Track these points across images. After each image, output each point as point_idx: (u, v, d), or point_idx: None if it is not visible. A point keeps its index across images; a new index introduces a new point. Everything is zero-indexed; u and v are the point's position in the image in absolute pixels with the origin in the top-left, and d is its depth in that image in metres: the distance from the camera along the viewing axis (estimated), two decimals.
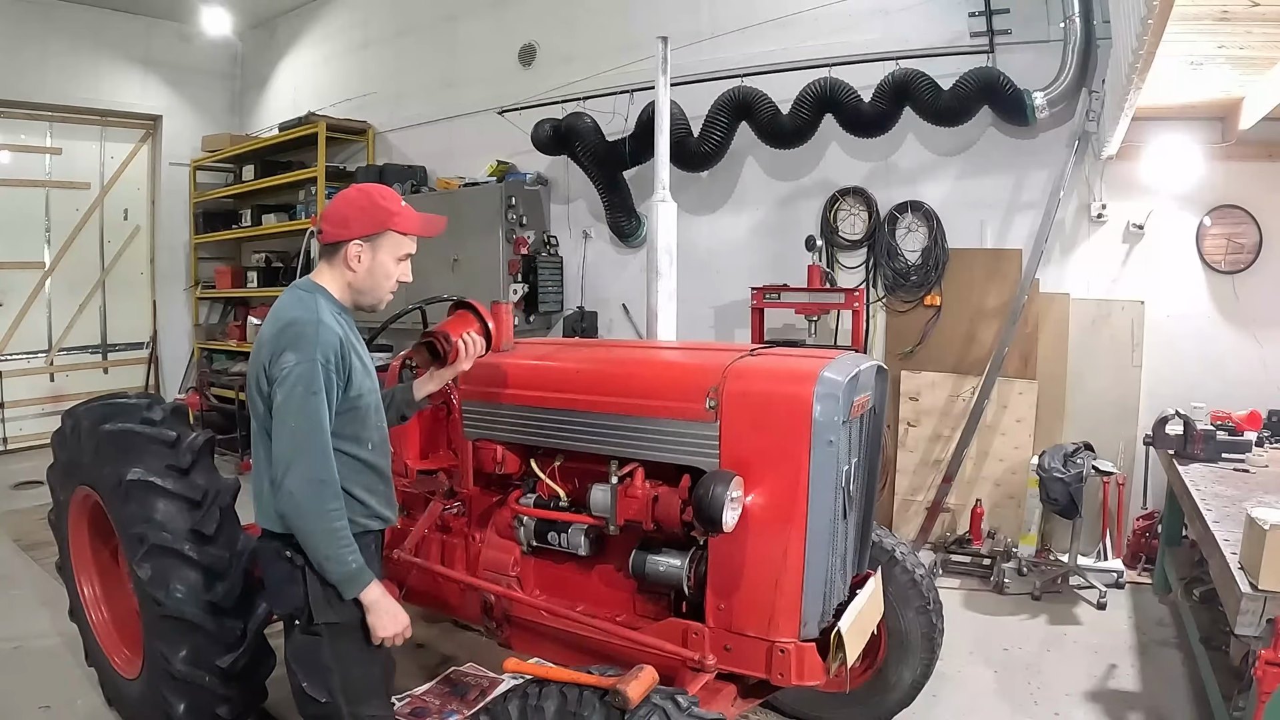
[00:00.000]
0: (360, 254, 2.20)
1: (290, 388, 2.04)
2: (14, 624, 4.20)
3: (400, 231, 2.23)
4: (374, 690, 2.28)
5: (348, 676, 2.20)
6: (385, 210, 2.20)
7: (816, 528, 2.24)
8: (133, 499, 2.79)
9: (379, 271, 2.23)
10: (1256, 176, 4.68)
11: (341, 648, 2.19)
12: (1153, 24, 2.70)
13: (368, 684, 2.25)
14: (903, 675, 3.07)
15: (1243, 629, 2.49)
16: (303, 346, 2.06)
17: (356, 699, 2.21)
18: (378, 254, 2.21)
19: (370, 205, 2.21)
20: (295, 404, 2.04)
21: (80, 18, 8.64)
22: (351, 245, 2.19)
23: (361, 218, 2.19)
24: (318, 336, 2.07)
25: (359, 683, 2.22)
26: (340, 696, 2.19)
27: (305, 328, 2.08)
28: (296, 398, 2.04)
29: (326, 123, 8.15)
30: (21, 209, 8.55)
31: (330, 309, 2.18)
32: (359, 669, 2.22)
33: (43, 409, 8.63)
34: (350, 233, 2.18)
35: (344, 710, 2.20)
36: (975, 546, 4.96)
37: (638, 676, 1.90)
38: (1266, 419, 4.29)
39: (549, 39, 7.08)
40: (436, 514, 2.94)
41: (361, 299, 2.27)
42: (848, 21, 5.55)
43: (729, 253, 6.24)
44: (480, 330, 2.68)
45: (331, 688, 2.19)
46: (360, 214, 2.20)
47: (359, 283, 2.23)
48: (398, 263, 2.26)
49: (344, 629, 2.17)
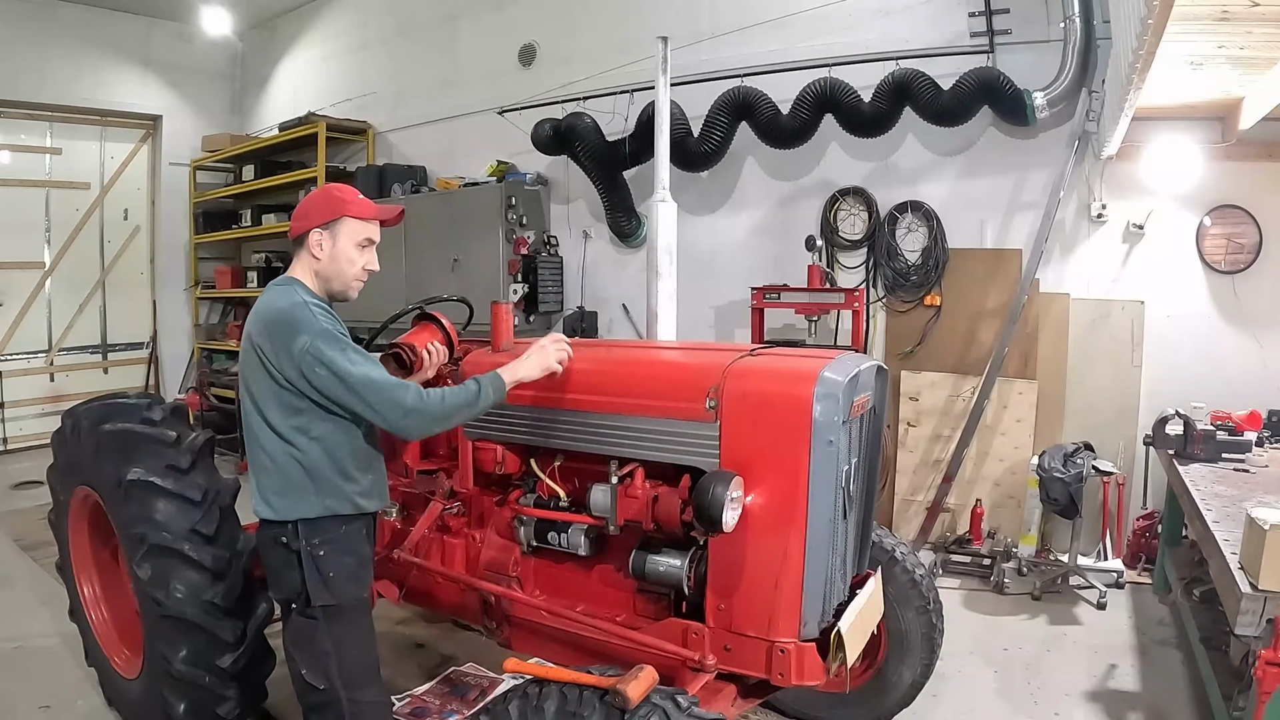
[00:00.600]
0: (321, 240, 2.32)
1: (325, 357, 2.13)
2: (14, 624, 4.20)
3: (355, 216, 2.34)
4: (371, 676, 2.34)
5: (345, 660, 2.27)
6: (339, 199, 2.35)
7: (816, 528, 2.24)
8: (133, 499, 2.79)
9: (341, 257, 2.34)
10: (1256, 176, 4.68)
11: (338, 631, 2.27)
12: (1153, 24, 2.70)
13: (365, 669, 2.32)
14: (903, 675, 3.07)
15: (1243, 629, 2.48)
16: (305, 325, 2.16)
17: (354, 684, 2.28)
18: (338, 240, 2.33)
19: (326, 197, 2.38)
20: (341, 364, 2.13)
21: (80, 18, 8.65)
22: (313, 234, 2.32)
23: (319, 208, 2.34)
24: (311, 315, 2.20)
25: (356, 667, 2.29)
26: (338, 681, 2.26)
27: (297, 311, 2.20)
28: (336, 359, 2.13)
29: (326, 123, 8.15)
30: (21, 209, 8.55)
31: (309, 296, 2.29)
32: (356, 653, 2.30)
33: (43, 409, 8.63)
34: (310, 222, 2.33)
35: (342, 696, 2.26)
36: (975, 546, 4.96)
37: (638, 676, 1.90)
38: (1266, 419, 4.28)
39: (549, 39, 7.08)
40: (436, 514, 2.94)
41: (330, 286, 2.37)
42: (848, 21, 5.55)
43: (729, 253, 6.24)
44: (443, 340, 2.83)
45: (329, 673, 2.26)
46: (317, 205, 2.35)
47: (325, 270, 2.34)
48: (360, 249, 2.37)
49: (340, 612, 2.26)
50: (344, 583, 2.26)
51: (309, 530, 2.24)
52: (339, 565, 2.26)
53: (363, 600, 2.35)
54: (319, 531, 2.25)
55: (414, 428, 2.25)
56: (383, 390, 2.16)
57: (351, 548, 2.30)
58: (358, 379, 2.14)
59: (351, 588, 2.28)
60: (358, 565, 2.31)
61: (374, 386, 2.15)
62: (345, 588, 2.25)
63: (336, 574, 2.25)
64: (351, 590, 2.27)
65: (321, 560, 2.24)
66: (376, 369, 2.19)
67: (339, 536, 2.27)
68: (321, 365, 2.13)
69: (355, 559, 2.30)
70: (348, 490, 2.28)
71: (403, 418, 2.18)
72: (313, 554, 2.23)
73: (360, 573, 2.32)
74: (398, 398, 2.16)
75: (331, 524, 2.27)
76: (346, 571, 2.27)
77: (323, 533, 2.25)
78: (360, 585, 2.32)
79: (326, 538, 2.25)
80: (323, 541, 2.25)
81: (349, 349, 2.18)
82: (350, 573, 2.28)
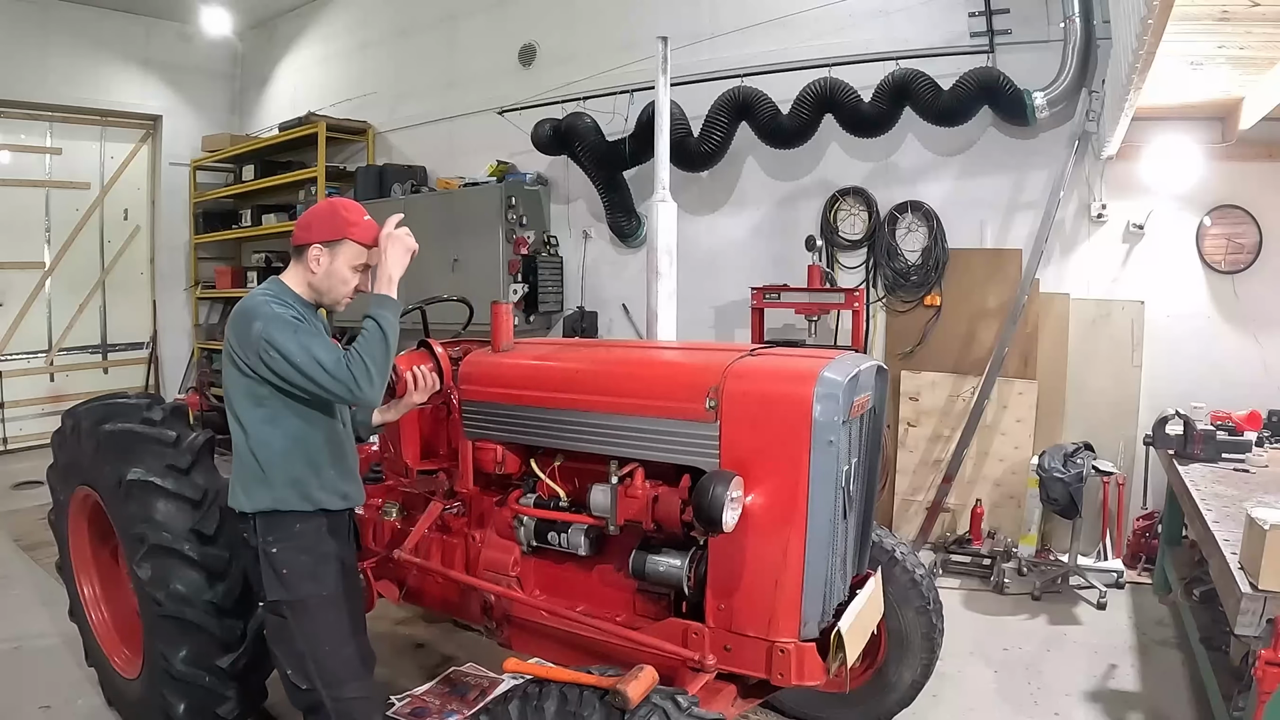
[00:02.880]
0: (320, 257, 2.36)
1: (274, 338, 2.18)
2: (14, 624, 4.20)
3: (357, 241, 2.37)
4: (351, 672, 2.36)
5: (320, 658, 2.31)
6: (345, 220, 2.37)
7: (816, 528, 2.24)
8: (133, 499, 2.79)
9: (335, 276, 2.39)
10: (1256, 176, 4.68)
11: (308, 628, 2.30)
12: (1153, 24, 2.69)
13: (343, 665, 2.34)
14: (903, 675, 3.07)
15: (1243, 629, 2.48)
16: (258, 312, 2.24)
17: (333, 682, 2.31)
18: (335, 260, 2.37)
19: (332, 214, 2.39)
20: (289, 344, 2.17)
21: (80, 18, 8.65)
22: (312, 248, 2.36)
23: (323, 224, 2.37)
24: (265, 302, 2.27)
25: (333, 663, 2.32)
26: (318, 680, 2.30)
27: (258, 304, 2.27)
28: (285, 340, 2.18)
29: (326, 123, 8.16)
30: (21, 209, 8.55)
31: (279, 293, 2.34)
32: (330, 648, 2.32)
33: (43, 409, 8.64)
34: (312, 236, 2.36)
35: (324, 695, 2.30)
36: (975, 546, 4.96)
37: (638, 676, 1.89)
38: (1266, 419, 4.28)
39: (549, 39, 7.08)
40: (436, 514, 2.94)
41: (321, 299, 2.44)
42: (848, 21, 5.55)
43: (729, 253, 6.24)
44: (433, 368, 2.81)
45: (309, 672, 2.30)
46: (322, 221, 2.38)
47: (318, 284, 2.40)
48: (354, 271, 2.41)
49: (305, 608, 2.30)
50: (298, 580, 2.29)
51: (265, 526, 2.30)
52: (293, 563, 2.29)
53: (327, 597, 2.34)
54: (273, 528, 2.30)
55: (368, 395, 2.22)
56: (326, 368, 2.17)
57: (307, 545, 2.32)
58: (303, 361, 2.17)
59: (307, 584, 2.30)
60: (315, 563, 2.32)
61: (317, 366, 2.17)
62: (300, 585, 2.29)
63: (290, 571, 2.28)
64: (308, 587, 2.30)
65: (274, 557, 2.28)
66: (325, 351, 2.19)
67: (293, 534, 2.30)
68: (274, 349, 2.17)
69: (311, 557, 2.32)
70: (305, 485, 2.31)
71: (346, 392, 2.19)
72: (266, 550, 2.29)
73: (318, 570, 2.33)
74: (340, 379, 2.17)
75: (286, 521, 2.30)
76: (302, 569, 2.29)
77: (276, 529, 2.30)
78: (319, 582, 2.32)
79: (280, 535, 2.30)
80: (276, 539, 2.29)
81: (301, 332, 2.21)
82: (306, 570, 2.30)
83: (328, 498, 2.37)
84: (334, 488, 2.39)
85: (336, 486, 2.40)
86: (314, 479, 2.34)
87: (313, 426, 2.34)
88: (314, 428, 2.35)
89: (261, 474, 2.29)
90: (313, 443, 2.35)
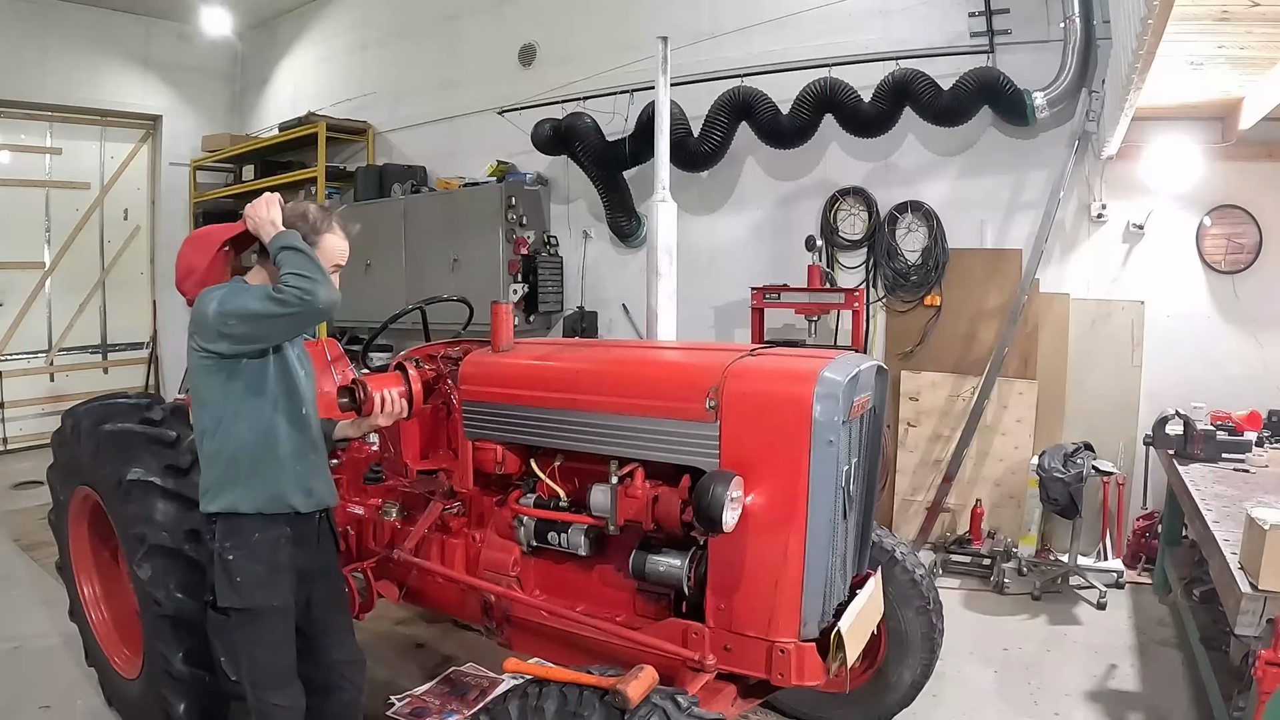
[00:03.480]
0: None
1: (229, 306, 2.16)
2: (14, 624, 4.20)
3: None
4: (281, 679, 2.35)
5: (253, 660, 2.31)
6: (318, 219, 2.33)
7: (816, 528, 2.24)
8: (133, 499, 2.79)
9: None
10: (1256, 176, 4.68)
11: (251, 634, 2.30)
12: (1153, 24, 2.70)
13: (275, 672, 2.34)
14: (903, 675, 3.07)
15: (1243, 629, 2.49)
16: (213, 296, 2.21)
17: (262, 685, 2.32)
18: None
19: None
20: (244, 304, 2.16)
21: (80, 18, 8.65)
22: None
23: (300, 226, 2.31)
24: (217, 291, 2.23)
25: (265, 668, 2.32)
26: (246, 679, 2.31)
27: (208, 295, 2.23)
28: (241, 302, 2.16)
29: (326, 123, 8.16)
30: (21, 209, 8.55)
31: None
32: (263, 655, 2.32)
33: (43, 409, 8.63)
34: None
35: (250, 693, 2.32)
36: (975, 546, 4.96)
37: (638, 676, 1.90)
38: (1266, 419, 4.28)
39: (549, 39, 7.08)
40: (436, 514, 2.94)
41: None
42: (848, 21, 5.55)
43: (729, 253, 6.24)
44: (404, 394, 2.77)
45: (240, 669, 2.33)
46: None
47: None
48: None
49: (251, 615, 2.28)
50: (251, 589, 2.26)
51: (224, 531, 2.27)
52: (248, 571, 2.25)
53: (277, 608, 2.31)
54: (232, 534, 2.27)
55: (322, 295, 2.15)
56: (280, 298, 2.13)
57: (262, 555, 2.28)
58: (259, 306, 2.15)
59: (260, 594, 2.27)
60: (268, 573, 2.28)
61: (272, 301, 2.13)
62: (253, 594, 2.26)
63: (244, 580, 2.25)
64: (260, 597, 2.27)
65: (230, 564, 2.25)
66: (274, 290, 2.15)
67: (251, 543, 2.27)
68: (230, 316, 2.16)
69: (266, 567, 2.28)
70: (272, 484, 2.28)
71: (305, 298, 2.13)
72: (222, 556, 2.26)
73: (270, 580, 2.29)
74: (289, 298, 2.12)
75: (246, 528, 2.27)
76: (255, 579, 2.26)
77: (235, 535, 2.27)
78: (269, 593, 2.29)
79: (238, 541, 2.26)
80: (234, 545, 2.26)
81: (246, 291, 2.20)
82: (259, 580, 2.27)
83: (295, 496, 2.33)
84: (301, 484, 2.35)
85: (303, 483, 2.36)
86: (280, 477, 2.31)
87: (279, 424, 2.32)
88: (280, 425, 2.32)
89: (228, 473, 2.27)
90: (280, 440, 2.32)
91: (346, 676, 2.55)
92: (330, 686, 2.51)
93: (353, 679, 2.57)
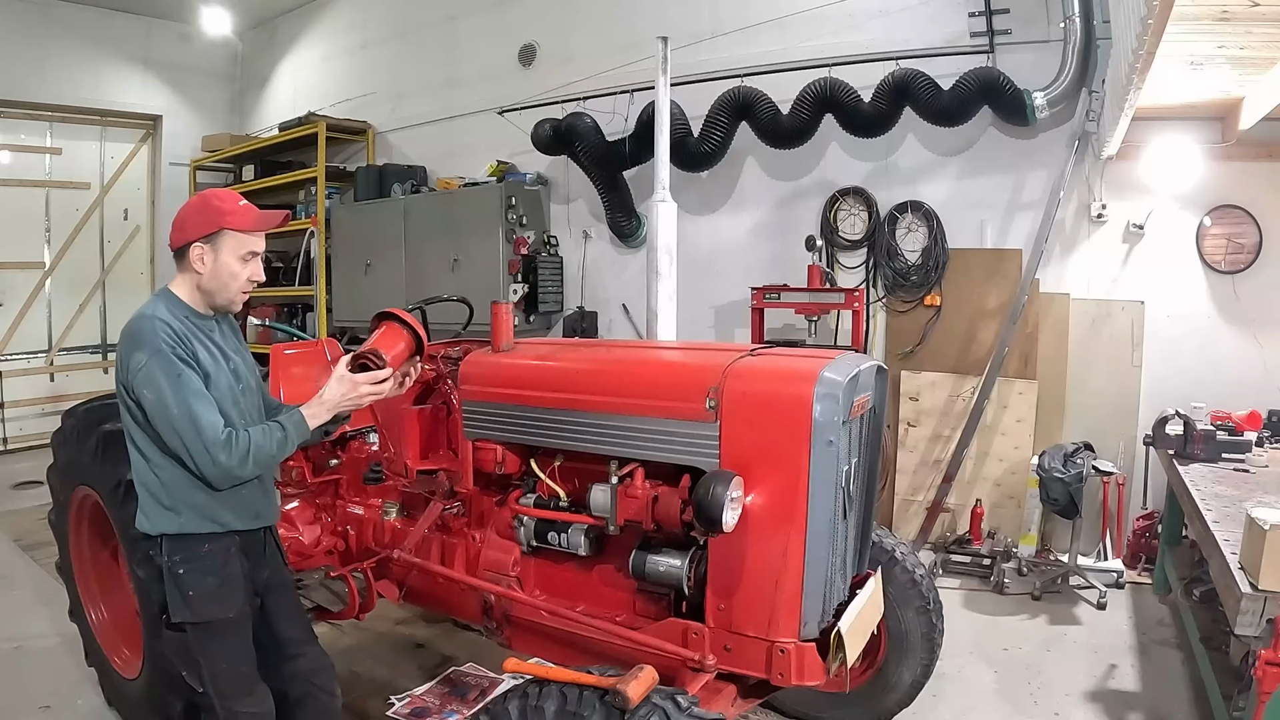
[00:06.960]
0: (202, 255, 2.23)
1: (155, 382, 2.08)
2: (14, 624, 4.20)
3: (236, 229, 2.24)
4: (245, 687, 2.32)
5: (215, 670, 2.29)
6: (218, 210, 2.23)
7: (816, 528, 2.24)
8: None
9: (224, 272, 2.25)
10: (1256, 176, 4.68)
11: (210, 647, 2.28)
12: (1153, 24, 2.70)
13: (238, 680, 2.31)
14: (903, 675, 3.07)
15: (1243, 629, 2.48)
16: (144, 341, 2.12)
17: (228, 694, 2.29)
18: (220, 254, 2.24)
19: (204, 206, 2.25)
20: (168, 393, 2.08)
21: (80, 18, 8.65)
22: (193, 248, 2.22)
23: (197, 220, 2.23)
24: (154, 329, 2.13)
25: (228, 677, 2.30)
26: (210, 689, 2.29)
27: (142, 324, 2.15)
28: (166, 387, 2.08)
29: (326, 123, 8.16)
30: (21, 209, 8.56)
31: (169, 308, 2.22)
32: (225, 666, 2.29)
33: (43, 409, 8.63)
34: (188, 235, 2.23)
35: (216, 703, 2.29)
36: (975, 546, 4.96)
37: (638, 676, 1.89)
38: (1266, 419, 4.28)
39: (549, 39, 7.08)
40: (436, 514, 2.94)
41: (213, 299, 2.29)
42: (848, 21, 5.55)
43: (729, 253, 6.24)
44: (410, 343, 2.61)
45: (203, 679, 2.30)
46: (195, 216, 2.24)
47: (206, 284, 2.26)
48: (243, 261, 2.27)
49: (208, 629, 2.26)
50: (204, 602, 2.21)
51: (171, 547, 2.21)
52: (199, 585, 2.21)
53: (232, 619, 2.27)
54: (180, 549, 2.21)
55: (218, 479, 2.13)
56: (201, 435, 2.07)
57: (213, 568, 2.23)
58: (178, 415, 2.06)
59: (212, 607, 2.22)
60: (219, 585, 2.24)
61: (193, 429, 2.07)
62: (205, 607, 2.21)
63: (196, 593, 2.21)
64: (212, 609, 2.22)
65: (181, 579, 2.20)
66: (205, 408, 2.09)
67: (200, 555, 2.22)
68: (150, 388, 2.08)
69: (217, 579, 2.23)
70: (211, 509, 2.21)
71: (209, 467, 2.09)
72: (173, 571, 2.21)
73: (222, 592, 2.24)
74: (212, 453, 2.07)
75: (194, 542, 2.22)
76: (207, 591, 2.22)
77: (184, 550, 2.21)
78: (223, 605, 2.24)
79: (187, 555, 2.21)
80: (183, 559, 2.21)
81: (184, 375, 2.10)
82: (210, 592, 2.22)
83: (237, 519, 2.27)
84: (245, 507, 2.28)
85: (248, 505, 2.29)
86: (221, 501, 2.22)
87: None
88: None
89: (164, 498, 2.19)
90: None
91: (316, 684, 2.50)
92: (303, 696, 2.47)
93: (324, 685, 2.52)
